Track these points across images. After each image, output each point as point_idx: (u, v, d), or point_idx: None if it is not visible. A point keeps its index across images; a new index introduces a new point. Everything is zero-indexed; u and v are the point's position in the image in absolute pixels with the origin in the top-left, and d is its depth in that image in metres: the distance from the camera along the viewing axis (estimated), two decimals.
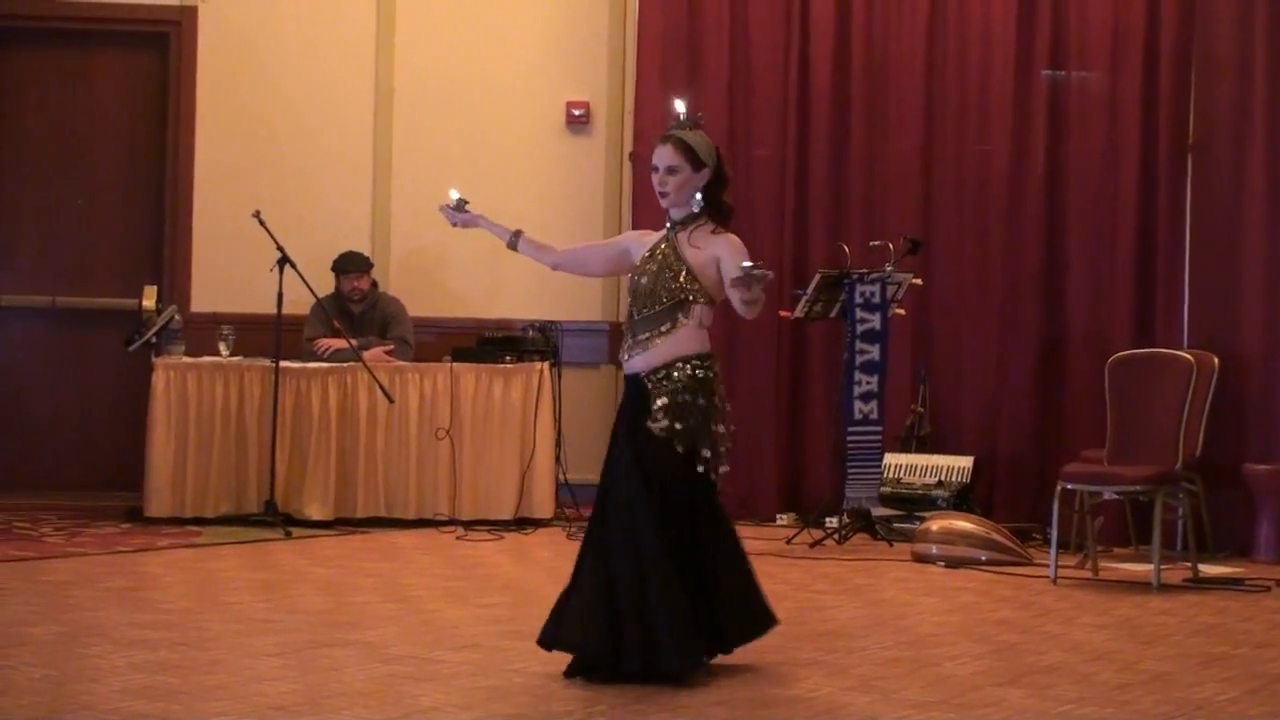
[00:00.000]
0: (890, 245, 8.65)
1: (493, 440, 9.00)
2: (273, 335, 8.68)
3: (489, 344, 9.22)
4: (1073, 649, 5.91)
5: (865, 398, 8.51)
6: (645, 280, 5.37)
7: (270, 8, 9.89)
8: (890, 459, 8.99)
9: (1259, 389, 8.60)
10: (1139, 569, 7.78)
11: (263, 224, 8.59)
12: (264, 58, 9.84)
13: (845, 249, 8.85)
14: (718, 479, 5.32)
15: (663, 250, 5.39)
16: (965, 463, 9.04)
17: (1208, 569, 7.77)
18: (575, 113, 9.94)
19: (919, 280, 8.92)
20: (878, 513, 8.68)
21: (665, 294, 5.32)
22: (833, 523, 8.65)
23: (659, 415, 5.24)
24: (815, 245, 9.49)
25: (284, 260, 8.68)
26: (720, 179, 5.43)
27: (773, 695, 5.06)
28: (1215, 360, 8.27)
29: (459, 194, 5.73)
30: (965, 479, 8.99)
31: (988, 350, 9.34)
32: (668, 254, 5.37)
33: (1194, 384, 7.74)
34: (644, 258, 5.43)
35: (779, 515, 9.29)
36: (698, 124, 5.45)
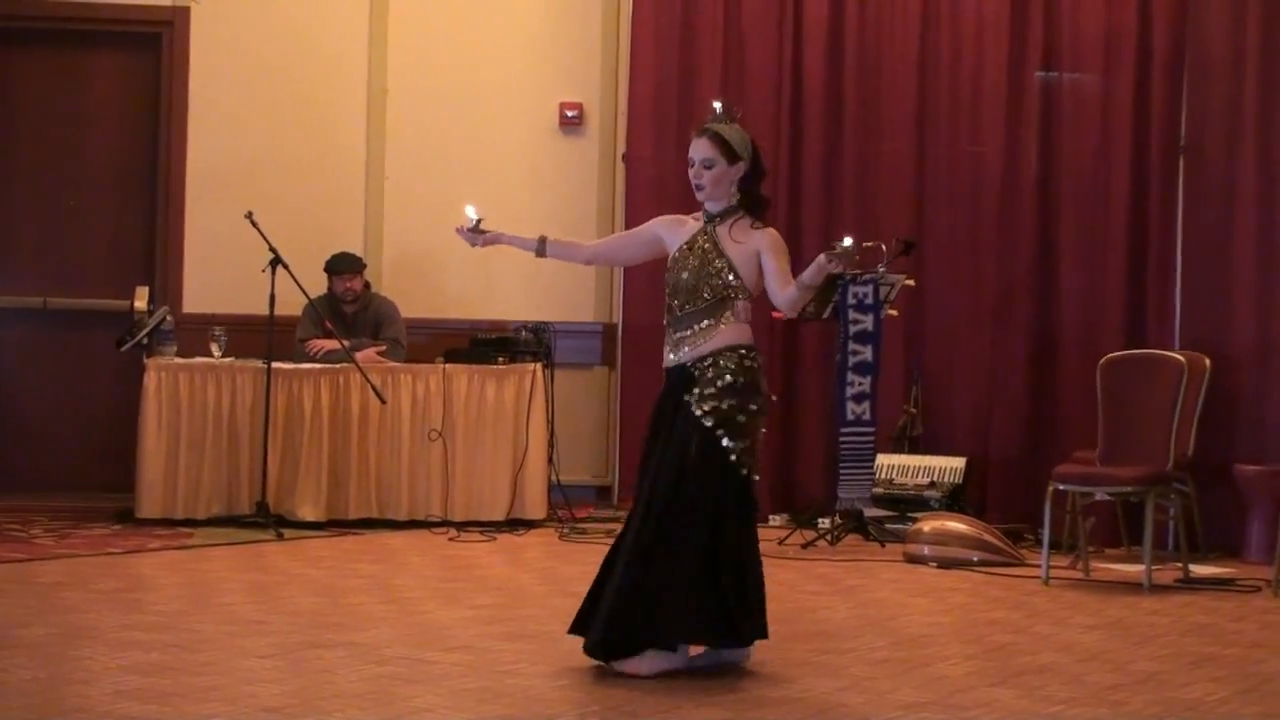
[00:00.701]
0: (883, 246, 8.65)
1: (485, 441, 8.99)
2: (265, 336, 8.67)
3: (481, 345, 9.22)
4: (1064, 649, 5.92)
5: (858, 399, 8.52)
6: (687, 276, 5.35)
7: (263, 9, 9.88)
8: (882, 460, 9.00)
9: (1250, 390, 8.62)
10: (1130, 569, 7.79)
11: (255, 225, 8.57)
12: (257, 59, 9.83)
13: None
14: (751, 471, 5.29)
15: (702, 244, 5.37)
16: (957, 463, 9.06)
17: (1199, 569, 7.78)
18: (568, 114, 9.94)
19: (912, 281, 8.94)
20: (870, 513, 8.70)
21: (708, 289, 5.32)
22: (825, 524, 8.65)
23: (705, 396, 5.24)
24: (808, 246, 9.48)
25: (276, 261, 8.67)
26: (757, 172, 5.43)
27: (765, 696, 5.06)
28: (1207, 361, 8.31)
29: (476, 213, 5.65)
30: (957, 480, 9.00)
31: (980, 351, 9.35)
32: (708, 248, 5.35)
33: (1185, 385, 7.74)
34: (682, 250, 5.40)
35: (772, 516, 9.28)
36: (734, 118, 5.46)
